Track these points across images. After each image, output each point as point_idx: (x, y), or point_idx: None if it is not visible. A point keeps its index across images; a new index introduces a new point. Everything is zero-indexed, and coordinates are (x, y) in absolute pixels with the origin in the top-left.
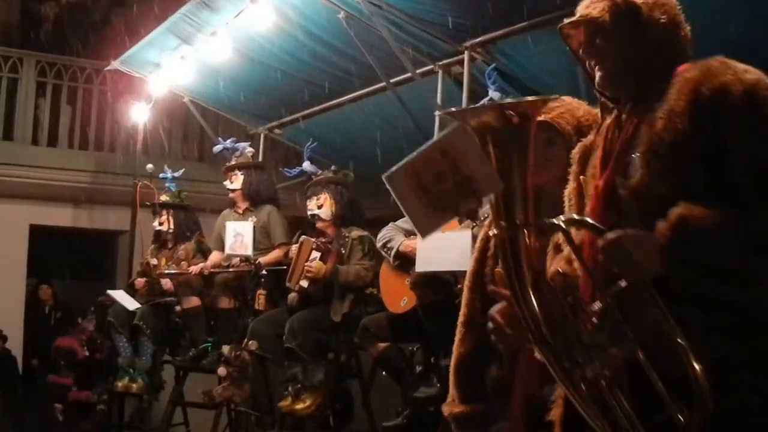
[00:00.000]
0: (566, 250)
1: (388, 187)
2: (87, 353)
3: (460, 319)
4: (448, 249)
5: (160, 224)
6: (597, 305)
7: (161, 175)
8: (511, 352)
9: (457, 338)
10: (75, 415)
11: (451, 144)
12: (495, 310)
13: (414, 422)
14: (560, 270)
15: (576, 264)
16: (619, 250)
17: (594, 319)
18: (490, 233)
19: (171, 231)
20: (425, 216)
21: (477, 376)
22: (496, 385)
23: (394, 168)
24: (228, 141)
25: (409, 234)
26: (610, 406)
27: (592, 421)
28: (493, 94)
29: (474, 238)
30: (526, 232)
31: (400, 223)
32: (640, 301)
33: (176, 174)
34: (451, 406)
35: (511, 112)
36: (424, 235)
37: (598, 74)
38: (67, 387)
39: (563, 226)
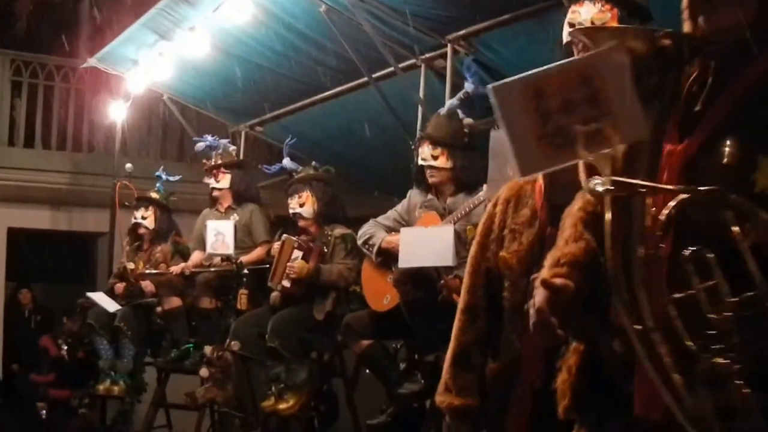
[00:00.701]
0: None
1: (493, 101)
2: (63, 352)
3: (461, 306)
4: (431, 244)
5: (144, 218)
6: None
7: (156, 173)
8: (553, 344)
9: (456, 326)
10: (56, 414)
11: (600, 68)
12: (541, 301)
13: (398, 419)
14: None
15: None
16: None
17: (733, 311)
18: (599, 191)
19: (153, 228)
20: (535, 149)
21: (476, 367)
22: (495, 378)
23: (508, 79)
24: (209, 137)
25: (390, 230)
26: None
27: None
28: (469, 86)
29: (457, 234)
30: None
31: (380, 219)
32: None
33: (171, 178)
34: (447, 398)
35: (667, 40)
36: (524, 174)
37: (719, 12)
38: (47, 384)
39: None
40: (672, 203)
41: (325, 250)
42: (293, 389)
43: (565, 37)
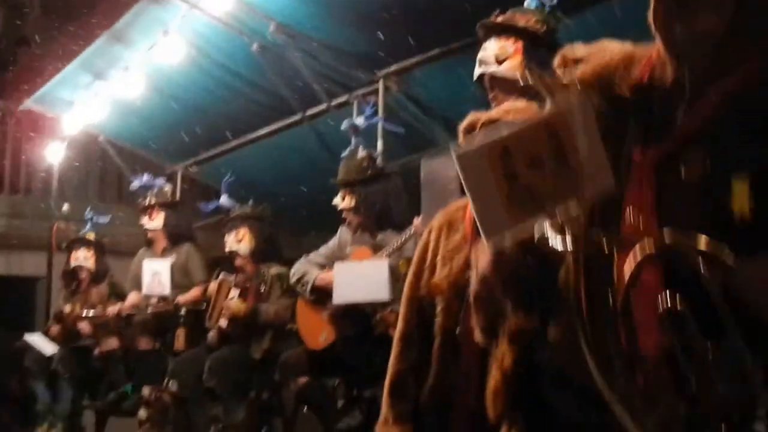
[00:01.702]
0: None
1: (457, 167)
2: None
3: (397, 335)
4: (366, 279)
5: (85, 259)
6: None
7: (87, 215)
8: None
9: (393, 354)
10: None
11: (565, 119)
12: (485, 265)
13: None
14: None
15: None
16: None
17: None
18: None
19: (93, 270)
20: (501, 211)
21: (412, 395)
22: (429, 405)
23: (474, 144)
24: (144, 177)
25: (322, 267)
26: None
27: None
28: (358, 120)
29: (391, 269)
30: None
31: (312, 256)
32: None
33: (101, 220)
34: (385, 429)
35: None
36: (488, 237)
37: (698, 17)
38: None
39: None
40: (635, 259)
41: (262, 289)
42: (232, 429)
43: (475, 74)
